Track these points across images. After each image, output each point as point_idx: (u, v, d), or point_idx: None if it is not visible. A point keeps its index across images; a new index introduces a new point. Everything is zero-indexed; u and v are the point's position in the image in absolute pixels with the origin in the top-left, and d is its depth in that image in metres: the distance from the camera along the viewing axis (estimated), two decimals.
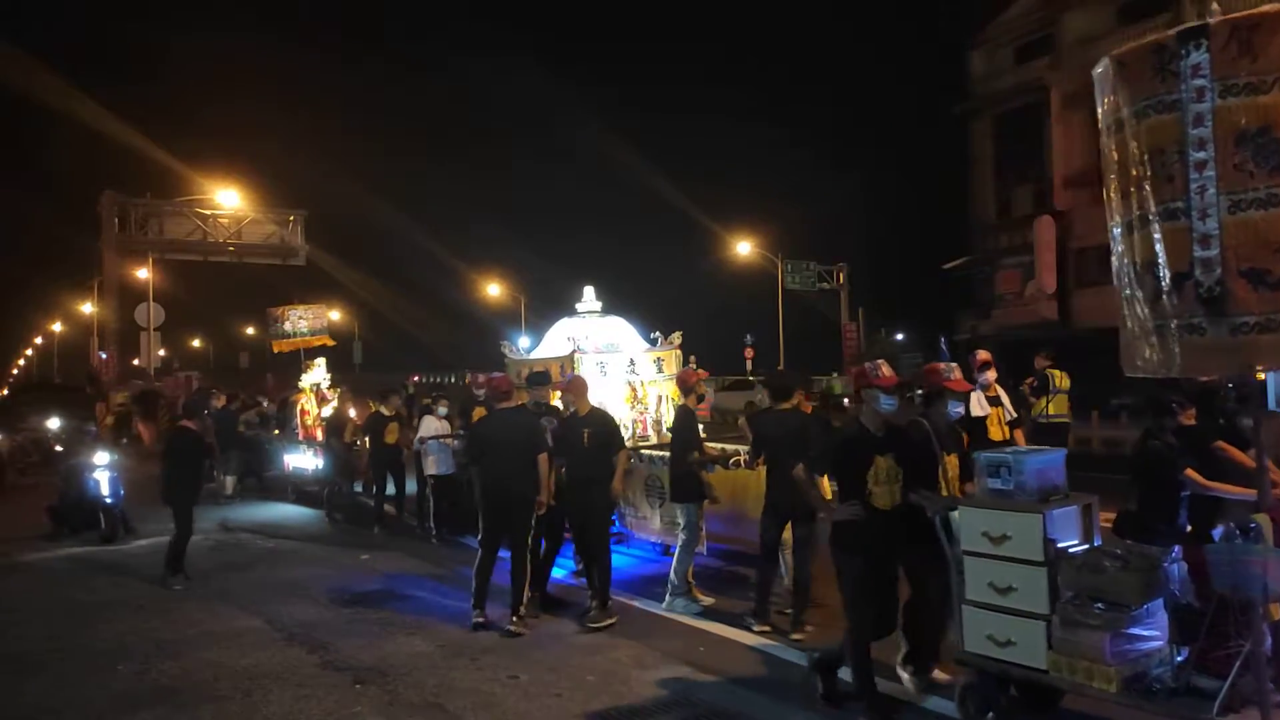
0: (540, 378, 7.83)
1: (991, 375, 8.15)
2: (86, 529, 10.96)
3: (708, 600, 7.30)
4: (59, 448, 17.36)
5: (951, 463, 5.32)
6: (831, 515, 5.07)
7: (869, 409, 5.11)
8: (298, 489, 13.41)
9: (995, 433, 7.90)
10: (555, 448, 7.16)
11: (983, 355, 8.27)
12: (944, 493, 5.14)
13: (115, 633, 7.00)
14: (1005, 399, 8.31)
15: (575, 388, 7.47)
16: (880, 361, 5.27)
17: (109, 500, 10.89)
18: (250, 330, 78.08)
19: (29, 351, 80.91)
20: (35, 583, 8.93)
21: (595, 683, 5.67)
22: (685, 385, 7.86)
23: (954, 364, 5.55)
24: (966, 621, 4.63)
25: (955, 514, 4.79)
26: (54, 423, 18.28)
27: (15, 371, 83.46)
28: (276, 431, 14.93)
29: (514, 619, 6.75)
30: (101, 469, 10.97)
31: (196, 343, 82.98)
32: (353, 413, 12.67)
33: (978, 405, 7.74)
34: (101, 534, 10.72)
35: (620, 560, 8.91)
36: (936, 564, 4.87)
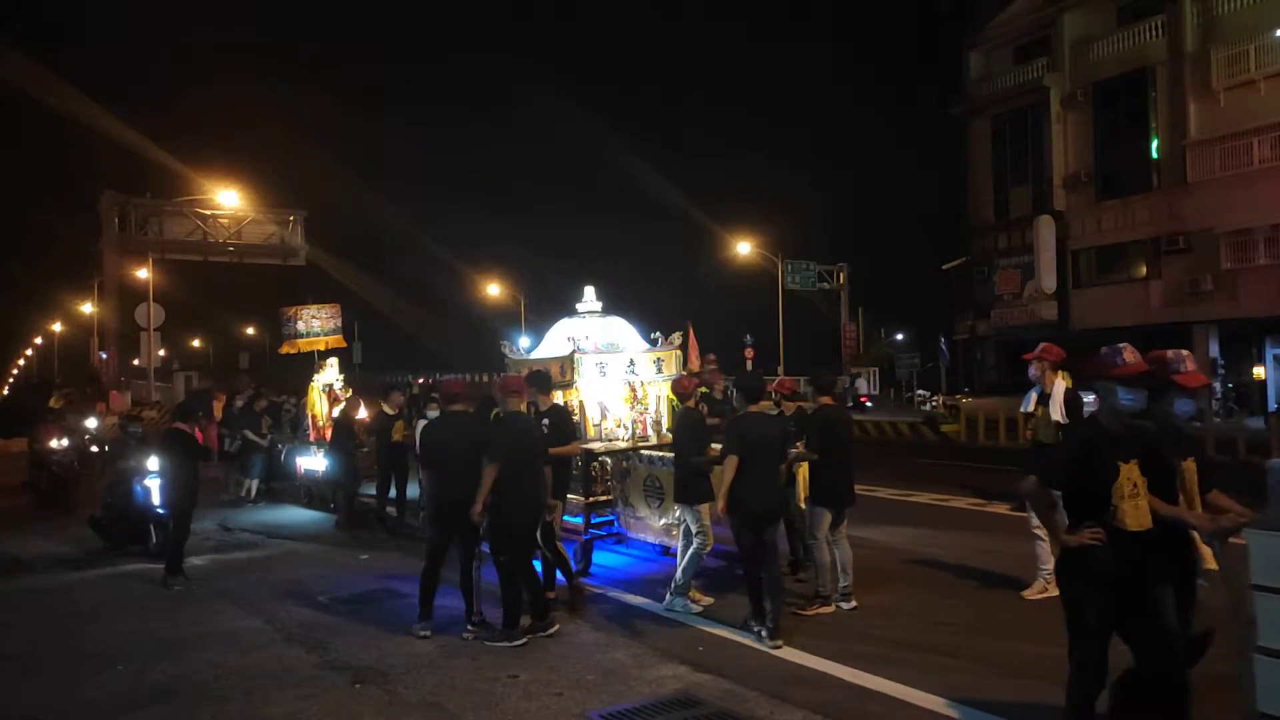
0: (538, 377, 7.84)
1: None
2: (133, 542, 9.95)
3: (706, 600, 7.32)
4: (94, 449, 17.15)
5: (1189, 469, 4.36)
6: (1066, 541, 4.11)
7: (1106, 405, 4.15)
8: (310, 492, 13.40)
9: None
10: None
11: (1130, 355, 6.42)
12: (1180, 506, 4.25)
13: (115, 633, 7.01)
14: None
15: (503, 387, 7.11)
16: (1124, 346, 4.21)
17: (160, 511, 9.72)
18: (250, 330, 78.11)
19: (29, 351, 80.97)
20: (36, 583, 8.94)
21: (594, 682, 5.68)
22: (682, 392, 7.87)
23: (1185, 353, 4.50)
24: (1260, 675, 3.75)
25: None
26: (91, 422, 18.02)
27: (15, 371, 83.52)
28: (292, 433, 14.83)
29: (469, 626, 6.70)
30: (151, 476, 9.85)
31: (196, 343, 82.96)
32: (363, 413, 12.63)
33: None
34: (150, 549, 9.69)
35: (618, 560, 8.96)
36: (1190, 602, 4.17)
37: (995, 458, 18.01)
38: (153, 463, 9.88)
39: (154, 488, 9.78)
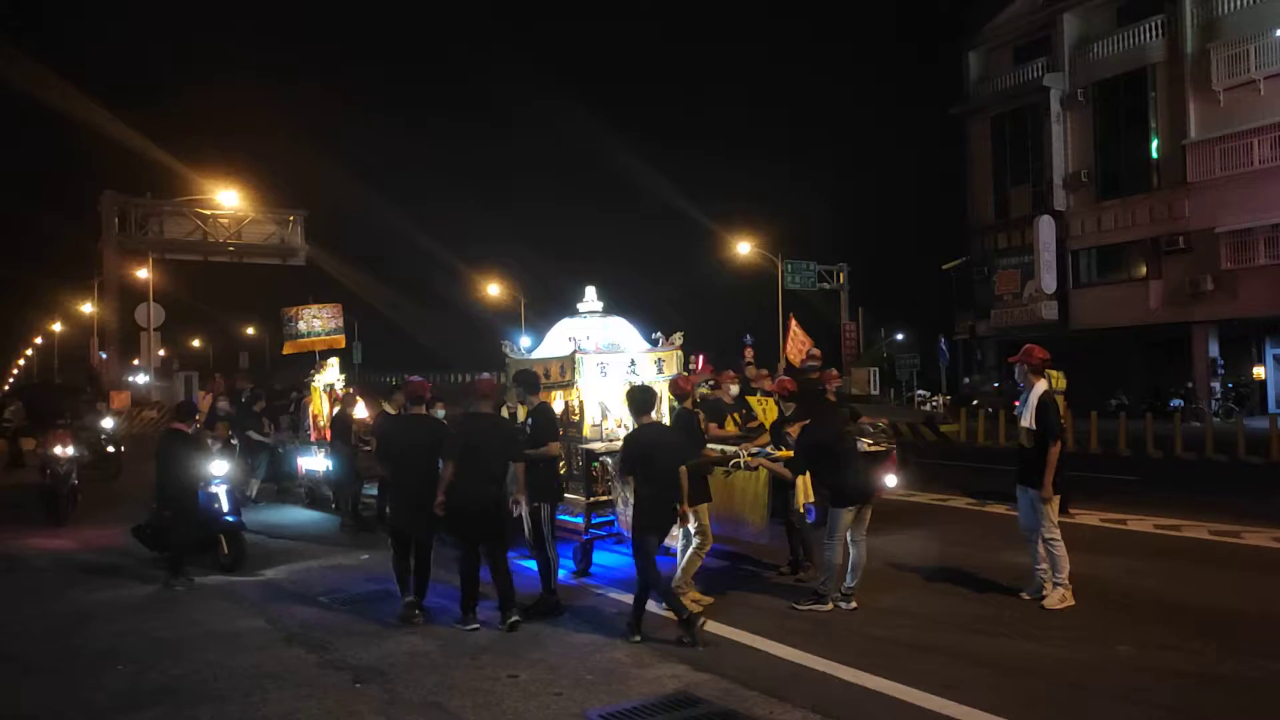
0: (523, 376, 7.87)
1: None
2: (198, 552, 9.07)
3: (706, 600, 7.32)
4: (110, 449, 16.89)
5: None
6: None
7: None
8: (311, 492, 13.38)
9: None
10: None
11: None
12: None
13: (115, 632, 7.01)
14: None
15: (475, 389, 7.62)
16: None
17: (231, 520, 9.16)
18: (250, 330, 78.11)
19: (29, 351, 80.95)
20: (35, 583, 8.94)
21: (594, 681, 5.69)
22: (679, 391, 7.87)
23: None
24: None
25: None
26: (107, 422, 17.86)
27: (15, 371, 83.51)
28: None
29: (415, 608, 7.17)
30: (218, 482, 9.27)
31: (196, 343, 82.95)
32: (364, 413, 12.61)
33: None
34: (222, 561, 9.02)
35: (618, 560, 8.95)
36: None
37: (995, 458, 18.01)
38: (218, 467, 9.38)
39: (220, 494, 9.20)
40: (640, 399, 6.95)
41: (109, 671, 6.10)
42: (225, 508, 9.13)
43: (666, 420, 8.86)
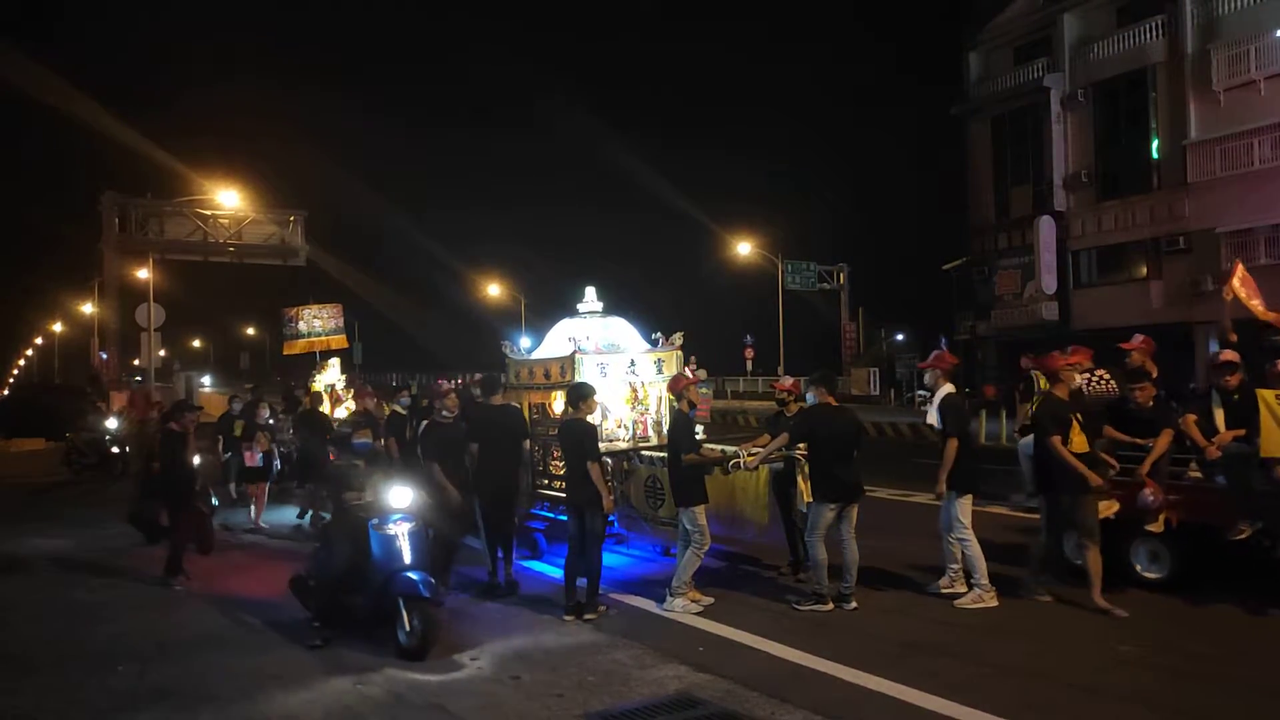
0: (487, 382, 8.61)
1: None
2: (374, 625, 6.40)
3: (706, 600, 7.32)
4: (115, 450, 16.44)
5: None
6: None
7: None
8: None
9: None
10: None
11: None
12: None
13: (115, 633, 7.01)
14: None
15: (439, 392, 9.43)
16: None
17: (414, 577, 6.17)
18: (251, 330, 78.16)
19: (29, 351, 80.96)
20: (35, 583, 8.92)
21: (596, 682, 5.69)
22: (675, 390, 7.86)
23: None
24: None
25: None
26: (112, 423, 17.65)
27: (15, 372, 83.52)
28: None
29: None
30: (400, 518, 6.46)
31: (196, 343, 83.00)
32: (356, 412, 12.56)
33: None
34: (405, 638, 6.12)
35: (620, 560, 8.96)
36: None
37: (994, 458, 18.00)
38: (400, 496, 6.57)
39: (401, 536, 6.36)
40: (573, 393, 7.61)
41: (109, 672, 6.10)
42: (408, 559, 6.30)
43: (666, 419, 8.89)
